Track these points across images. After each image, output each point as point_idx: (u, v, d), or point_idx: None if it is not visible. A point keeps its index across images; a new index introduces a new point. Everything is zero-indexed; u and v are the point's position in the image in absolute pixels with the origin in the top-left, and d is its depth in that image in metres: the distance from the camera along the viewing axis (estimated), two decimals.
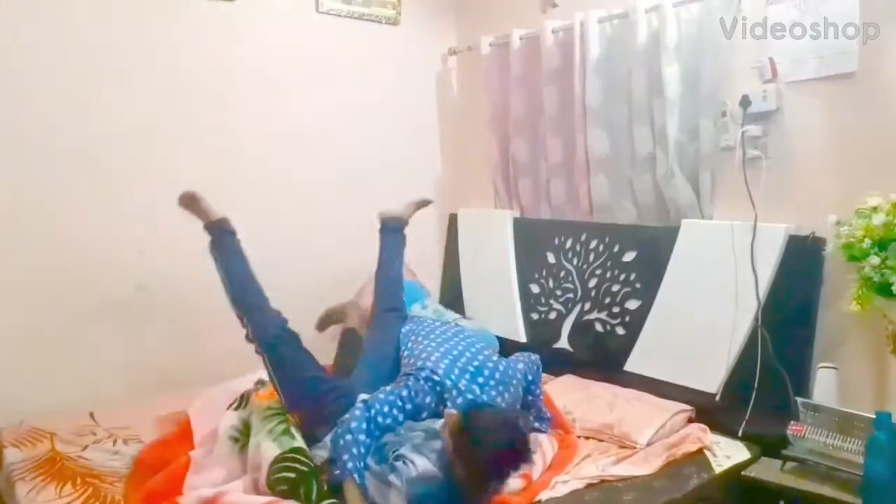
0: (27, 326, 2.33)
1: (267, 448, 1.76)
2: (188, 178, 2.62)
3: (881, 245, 1.87)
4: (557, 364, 2.71)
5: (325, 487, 1.66)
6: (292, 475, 1.67)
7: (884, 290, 1.87)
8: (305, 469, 1.69)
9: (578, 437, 2.17)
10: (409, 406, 1.84)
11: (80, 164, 2.41)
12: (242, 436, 1.91)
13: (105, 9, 2.42)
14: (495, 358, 2.13)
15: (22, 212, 2.31)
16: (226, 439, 1.89)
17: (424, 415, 1.88)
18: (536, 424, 2.14)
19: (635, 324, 2.52)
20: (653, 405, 2.25)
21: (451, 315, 2.98)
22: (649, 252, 2.52)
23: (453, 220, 3.39)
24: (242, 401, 2.04)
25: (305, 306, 2.95)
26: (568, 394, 2.39)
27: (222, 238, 2.16)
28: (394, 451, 1.69)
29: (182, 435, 2.04)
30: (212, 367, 2.52)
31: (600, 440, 2.16)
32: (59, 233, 2.38)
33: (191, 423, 2.08)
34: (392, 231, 2.54)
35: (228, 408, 2.04)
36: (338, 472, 1.67)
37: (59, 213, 2.38)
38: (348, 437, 1.69)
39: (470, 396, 1.92)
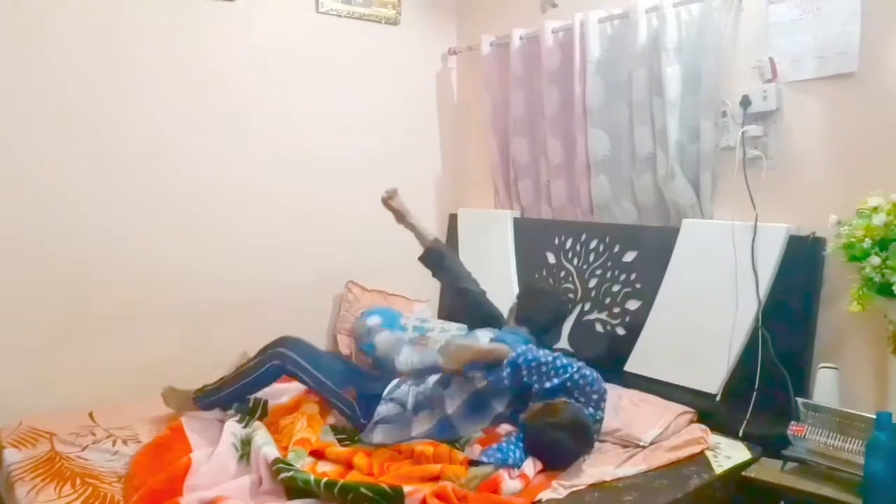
0: (26, 326, 2.32)
1: (268, 452, 1.81)
2: (188, 175, 2.64)
3: (882, 245, 1.87)
4: None
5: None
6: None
7: (884, 290, 1.87)
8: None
9: None
10: None
11: (82, 163, 2.41)
12: (244, 446, 1.92)
13: (104, 8, 2.41)
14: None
15: (22, 211, 2.31)
16: (228, 445, 1.90)
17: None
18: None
19: (636, 324, 2.52)
20: (659, 405, 2.25)
21: (434, 323, 2.95)
22: (650, 252, 2.52)
23: (453, 220, 3.39)
24: (244, 419, 2.08)
25: (303, 304, 2.97)
26: None
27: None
28: None
29: (176, 437, 2.03)
30: (211, 368, 2.52)
31: (602, 441, 2.15)
32: (60, 232, 2.37)
33: (183, 427, 2.07)
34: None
35: (231, 418, 2.07)
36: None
37: (59, 213, 2.37)
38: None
39: None
